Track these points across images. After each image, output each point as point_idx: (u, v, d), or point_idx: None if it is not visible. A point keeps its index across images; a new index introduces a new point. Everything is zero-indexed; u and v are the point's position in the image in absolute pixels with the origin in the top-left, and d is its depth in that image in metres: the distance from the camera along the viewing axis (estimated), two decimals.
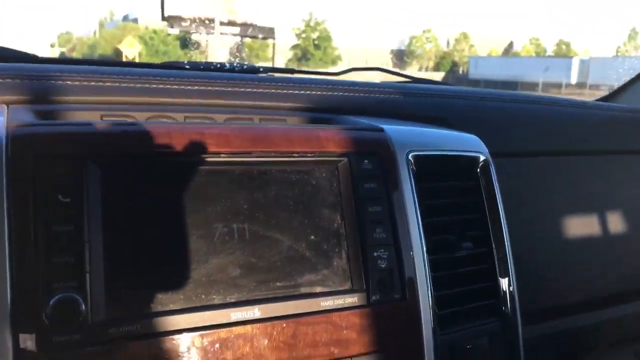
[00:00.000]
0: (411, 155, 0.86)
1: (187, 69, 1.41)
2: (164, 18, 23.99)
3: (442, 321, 0.81)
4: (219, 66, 1.48)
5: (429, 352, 0.78)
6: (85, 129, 0.67)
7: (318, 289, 0.73)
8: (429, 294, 0.80)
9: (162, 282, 0.65)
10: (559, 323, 1.19)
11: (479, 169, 0.94)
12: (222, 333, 0.66)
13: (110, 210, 0.65)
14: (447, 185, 0.91)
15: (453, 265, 0.87)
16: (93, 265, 0.62)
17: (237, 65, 1.52)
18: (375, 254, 0.77)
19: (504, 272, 0.91)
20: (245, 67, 1.55)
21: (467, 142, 0.96)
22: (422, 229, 0.82)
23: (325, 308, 0.72)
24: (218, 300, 0.68)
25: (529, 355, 0.92)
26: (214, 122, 0.87)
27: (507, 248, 0.92)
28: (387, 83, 1.20)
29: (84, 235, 0.62)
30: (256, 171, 0.74)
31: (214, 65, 1.48)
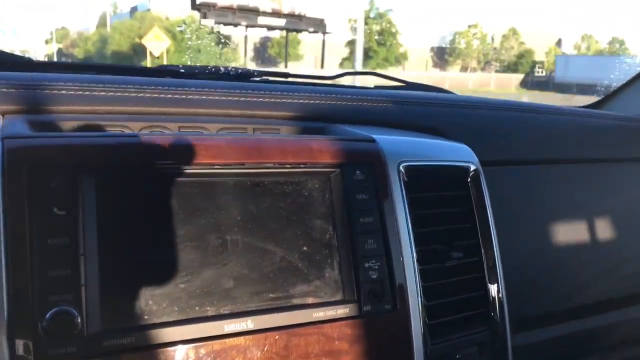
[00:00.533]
0: (402, 165, 0.87)
1: (182, 73, 1.42)
2: (194, 6, 20.14)
3: (432, 331, 0.83)
4: (213, 70, 1.48)
5: None
6: (80, 141, 0.68)
7: (310, 300, 0.74)
8: (419, 304, 0.81)
9: (156, 294, 0.66)
10: (552, 330, 1.20)
11: (469, 179, 0.95)
12: (216, 345, 0.67)
13: (105, 222, 0.65)
14: (437, 195, 0.92)
15: (443, 275, 0.88)
16: (88, 278, 0.62)
17: (232, 70, 1.53)
18: (366, 265, 0.78)
19: (494, 281, 0.92)
20: (240, 71, 1.56)
21: (457, 151, 0.98)
22: (412, 239, 0.83)
23: (318, 319, 0.73)
24: (212, 311, 0.68)
25: None
26: (208, 133, 0.88)
27: (496, 257, 0.93)
28: (380, 91, 1.21)
29: (79, 248, 0.63)
30: (249, 182, 0.75)
31: (209, 69, 1.48)
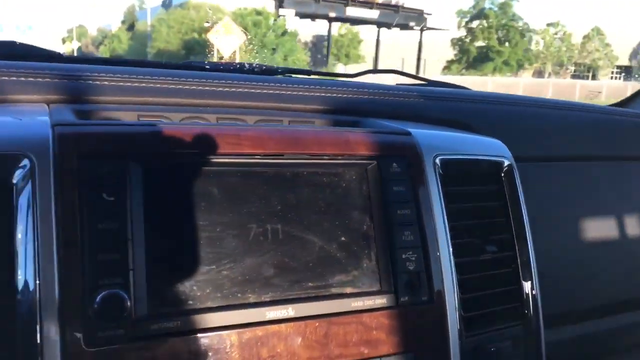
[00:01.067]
0: (438, 158, 0.87)
1: (208, 69, 1.44)
2: None
3: (467, 323, 0.83)
4: (238, 67, 1.50)
5: (454, 354, 0.79)
6: (128, 129, 0.69)
7: (348, 290, 0.75)
8: (455, 297, 0.81)
9: (200, 280, 0.67)
10: (583, 326, 1.20)
11: (503, 173, 0.95)
12: (258, 331, 0.68)
13: (151, 208, 0.67)
14: (472, 189, 0.92)
15: (478, 269, 0.88)
16: (136, 262, 0.64)
17: (256, 66, 1.54)
18: (403, 256, 0.79)
19: (528, 275, 0.92)
20: (264, 68, 1.58)
21: (491, 146, 0.98)
22: (448, 231, 0.84)
23: (356, 308, 0.74)
24: (253, 298, 0.69)
25: (550, 359, 0.94)
26: (248, 124, 0.89)
27: (530, 252, 0.93)
28: (411, 87, 1.21)
29: (127, 233, 0.64)
30: (289, 173, 0.76)
31: (234, 65, 1.50)
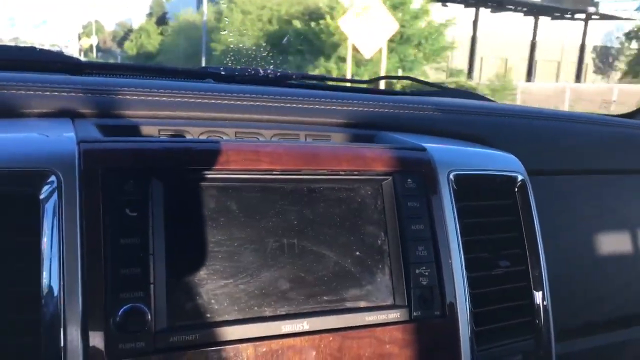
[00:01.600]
0: (452, 174, 0.88)
1: (222, 75, 1.46)
2: None
3: (479, 338, 0.84)
4: (252, 73, 1.52)
5: None
6: (151, 146, 0.71)
7: (362, 304, 0.77)
8: (467, 311, 0.82)
9: (218, 294, 0.69)
10: (593, 339, 1.20)
11: (516, 188, 0.96)
12: (274, 344, 0.69)
13: (171, 223, 0.69)
14: (485, 204, 0.93)
15: (490, 283, 0.89)
16: (157, 277, 0.66)
17: (270, 72, 1.56)
18: (417, 271, 0.80)
19: (539, 290, 0.93)
20: (279, 74, 1.60)
21: (505, 161, 0.99)
22: (461, 246, 0.85)
23: (370, 322, 0.75)
24: (269, 312, 0.71)
25: None
26: (267, 140, 0.91)
27: (542, 266, 0.94)
28: (426, 99, 1.22)
29: (149, 248, 0.66)
30: (305, 188, 0.78)
31: (249, 71, 1.52)
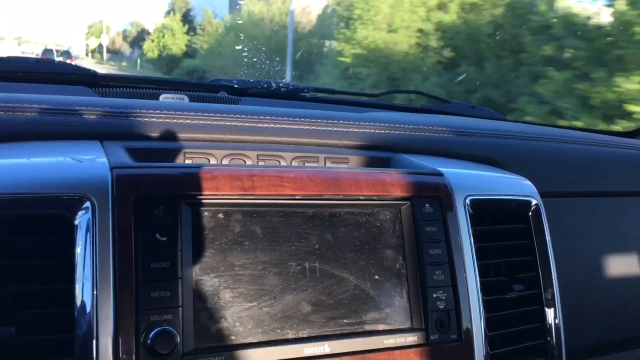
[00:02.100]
0: (468, 198, 0.90)
1: (235, 87, 1.49)
2: None
3: None
4: (265, 85, 1.55)
5: None
6: (179, 171, 0.74)
7: (381, 327, 0.79)
8: (482, 334, 0.84)
9: (242, 317, 0.71)
10: None
11: (530, 212, 0.98)
12: None
13: (199, 247, 0.71)
14: (500, 228, 0.95)
15: (504, 306, 0.91)
16: (185, 299, 0.68)
17: (282, 85, 1.59)
18: (434, 295, 0.82)
19: (552, 313, 0.95)
20: (291, 87, 1.62)
21: (519, 186, 1.01)
22: (477, 270, 0.87)
23: (388, 346, 0.77)
24: (292, 334, 0.73)
25: None
26: (290, 166, 0.93)
27: (555, 289, 0.96)
28: (441, 120, 1.24)
29: (178, 272, 0.68)
30: (327, 213, 0.80)
31: (261, 84, 1.55)
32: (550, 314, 0.95)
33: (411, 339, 0.79)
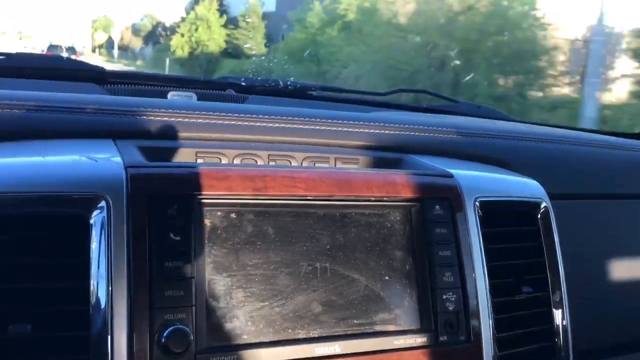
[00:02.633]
0: (478, 200, 0.91)
1: (243, 85, 1.49)
2: None
3: None
4: (273, 84, 1.55)
5: None
6: (193, 171, 0.74)
7: (391, 328, 0.79)
8: (491, 336, 0.85)
9: (254, 316, 0.72)
10: None
11: (539, 214, 0.98)
12: None
13: (211, 246, 0.72)
14: (509, 230, 0.95)
15: (513, 308, 0.91)
16: (198, 298, 0.69)
17: (290, 84, 1.59)
18: (444, 297, 0.82)
19: (560, 315, 0.95)
20: (298, 86, 1.63)
21: (529, 187, 1.01)
22: (486, 272, 0.87)
23: (397, 347, 0.78)
24: (303, 334, 0.74)
25: None
26: (301, 166, 0.93)
27: (563, 291, 0.96)
28: (450, 121, 1.25)
29: (191, 270, 0.69)
30: (338, 213, 0.80)
31: (269, 82, 1.55)
32: (559, 316, 0.95)
33: (420, 340, 0.80)
